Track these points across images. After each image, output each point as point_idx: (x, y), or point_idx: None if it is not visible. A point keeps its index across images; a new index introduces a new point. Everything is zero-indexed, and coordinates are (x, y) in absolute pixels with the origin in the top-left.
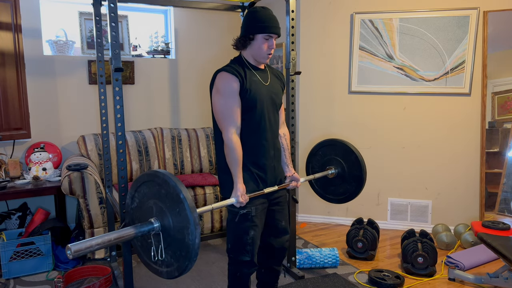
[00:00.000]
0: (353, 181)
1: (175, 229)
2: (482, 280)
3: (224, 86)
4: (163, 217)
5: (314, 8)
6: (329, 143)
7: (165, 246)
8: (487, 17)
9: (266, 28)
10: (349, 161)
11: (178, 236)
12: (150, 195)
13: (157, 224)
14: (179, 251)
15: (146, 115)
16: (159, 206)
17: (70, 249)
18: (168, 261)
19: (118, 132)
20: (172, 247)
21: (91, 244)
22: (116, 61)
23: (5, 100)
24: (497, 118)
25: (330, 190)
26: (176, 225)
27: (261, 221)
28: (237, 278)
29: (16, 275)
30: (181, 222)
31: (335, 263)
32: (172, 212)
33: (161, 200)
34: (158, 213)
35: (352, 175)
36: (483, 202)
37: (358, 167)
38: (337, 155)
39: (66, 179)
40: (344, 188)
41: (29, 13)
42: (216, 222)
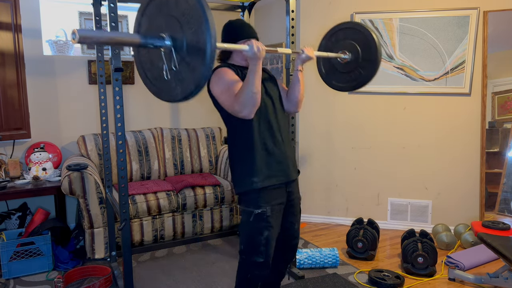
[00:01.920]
0: (366, 65)
1: (188, 38)
2: (482, 280)
3: (226, 76)
4: (175, 28)
5: (314, 8)
6: (346, 26)
7: (178, 60)
8: (487, 17)
9: (242, 34)
10: (365, 45)
11: (191, 43)
12: (158, 12)
13: (168, 36)
14: (194, 60)
15: (146, 115)
16: (169, 19)
17: (75, 32)
18: (183, 75)
19: (118, 132)
20: (186, 60)
21: (101, 35)
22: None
23: (5, 100)
24: (497, 118)
25: (338, 77)
26: (189, 32)
27: (277, 222)
28: (247, 279)
29: (16, 275)
30: (194, 26)
31: (335, 263)
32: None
33: (170, 12)
34: (169, 26)
35: (366, 58)
36: (483, 202)
37: (374, 50)
38: (353, 39)
39: (66, 179)
40: (356, 74)
41: (29, 13)
42: (216, 222)
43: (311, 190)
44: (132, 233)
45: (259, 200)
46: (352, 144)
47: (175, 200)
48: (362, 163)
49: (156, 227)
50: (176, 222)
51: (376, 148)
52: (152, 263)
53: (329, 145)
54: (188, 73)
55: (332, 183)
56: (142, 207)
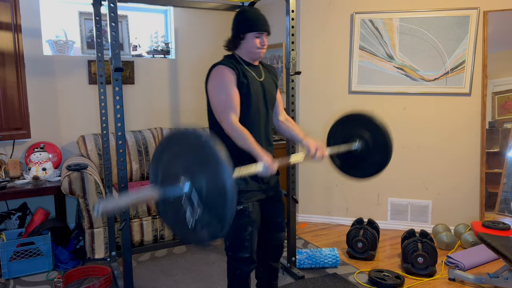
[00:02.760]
0: (380, 150)
1: (207, 180)
2: (482, 280)
3: (222, 77)
4: (191, 174)
5: (314, 8)
6: (347, 119)
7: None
8: (487, 17)
9: (256, 26)
10: (372, 130)
11: (211, 185)
12: (174, 159)
13: (187, 183)
14: (216, 201)
15: (146, 115)
16: (184, 165)
17: (99, 205)
18: (207, 219)
19: (118, 132)
20: (208, 203)
21: (120, 203)
22: (116, 61)
23: (5, 100)
24: (497, 118)
25: (356, 165)
26: (207, 175)
27: (258, 217)
28: (237, 275)
29: (16, 275)
30: (210, 168)
31: (335, 263)
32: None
33: (184, 158)
34: (185, 172)
35: (377, 144)
36: (483, 202)
37: (383, 135)
38: (361, 128)
39: (66, 179)
40: (372, 161)
41: (29, 13)
42: None
43: (311, 190)
44: (132, 233)
45: (240, 197)
46: None
47: None
48: None
49: (156, 227)
50: None
51: None
52: (152, 263)
53: None
54: (212, 216)
55: (332, 183)
56: (142, 207)
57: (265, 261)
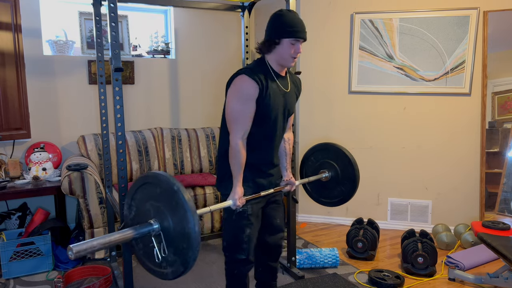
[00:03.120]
0: (347, 182)
1: (175, 224)
2: (482, 280)
3: (243, 90)
4: (162, 216)
5: (314, 8)
6: (320, 147)
7: (166, 244)
8: (487, 17)
9: (294, 33)
10: (342, 163)
11: (178, 229)
12: (146, 199)
13: (156, 224)
14: (181, 244)
15: (146, 115)
16: (156, 206)
17: (71, 249)
18: (172, 259)
19: (118, 132)
20: (174, 244)
21: (93, 245)
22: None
23: (5, 100)
24: (497, 118)
25: (324, 194)
26: (175, 220)
27: (257, 219)
28: (234, 275)
29: (16, 275)
30: (178, 214)
31: (335, 263)
32: (168, 207)
33: (156, 200)
34: (156, 213)
35: (345, 176)
36: (483, 202)
37: (351, 168)
38: (329, 158)
39: (66, 179)
40: (339, 191)
41: (29, 13)
42: (216, 222)
43: None
44: None
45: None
46: (352, 144)
47: None
48: (362, 163)
49: None
50: None
51: (376, 148)
52: None
53: None
54: (176, 256)
55: None
56: None
57: (264, 261)
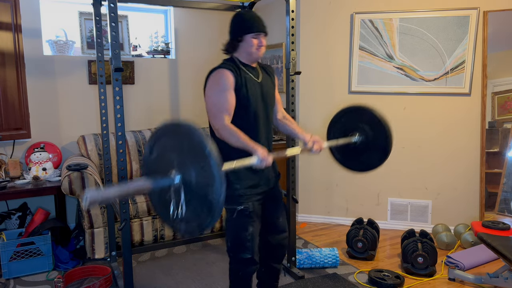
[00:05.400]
0: (378, 151)
1: (198, 185)
2: (482, 280)
3: (220, 80)
4: (185, 171)
5: (314, 8)
6: (354, 109)
7: (185, 202)
8: (487, 17)
9: (253, 28)
10: (376, 130)
11: (201, 192)
12: (171, 147)
13: (178, 178)
14: (201, 208)
15: (146, 115)
16: (181, 159)
17: (87, 196)
18: (188, 217)
19: (118, 132)
20: (193, 203)
21: (109, 194)
22: (116, 61)
23: (5, 100)
24: (497, 118)
25: (350, 157)
26: (199, 181)
27: (258, 217)
28: (239, 277)
29: (16, 275)
30: (204, 178)
31: (335, 263)
32: (195, 167)
33: (183, 153)
34: (179, 166)
35: (377, 144)
36: (483, 202)
37: (386, 136)
38: (362, 122)
39: (66, 179)
40: (366, 157)
41: (29, 13)
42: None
43: (311, 190)
44: (132, 233)
45: (241, 198)
46: None
47: None
48: None
49: (156, 227)
50: None
51: None
52: (152, 263)
53: None
54: (194, 217)
55: (332, 183)
56: (142, 207)
57: (267, 262)
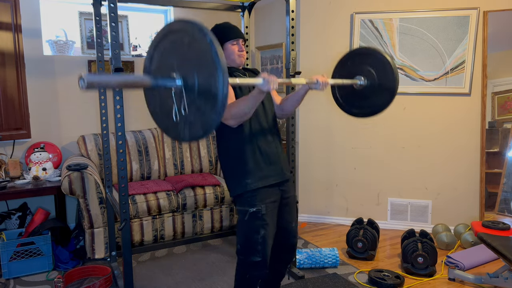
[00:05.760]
0: (383, 93)
1: (200, 82)
2: (482, 280)
3: None
4: (186, 71)
5: (314, 8)
6: (360, 52)
7: (188, 103)
8: (487, 17)
9: (230, 35)
10: (381, 70)
11: (203, 88)
12: (171, 50)
13: (179, 79)
14: (205, 106)
15: (146, 115)
16: (181, 59)
17: (83, 78)
18: (191, 119)
19: (118, 132)
20: (196, 104)
21: (108, 80)
22: (116, 61)
23: (5, 100)
24: (497, 118)
25: (356, 104)
26: (202, 76)
27: (272, 220)
28: (246, 279)
29: (16, 275)
30: (207, 70)
31: (335, 263)
32: (196, 61)
33: (183, 52)
34: (180, 67)
35: (383, 85)
36: (483, 202)
37: (391, 76)
38: (368, 64)
39: (66, 179)
40: (372, 101)
41: (29, 13)
42: (216, 222)
43: (311, 190)
44: (132, 233)
45: (254, 199)
46: (352, 144)
47: (175, 200)
48: (362, 163)
49: (156, 227)
50: (176, 222)
51: (376, 148)
52: (152, 263)
53: (329, 145)
54: (197, 117)
55: (332, 183)
56: (142, 207)
57: (274, 263)
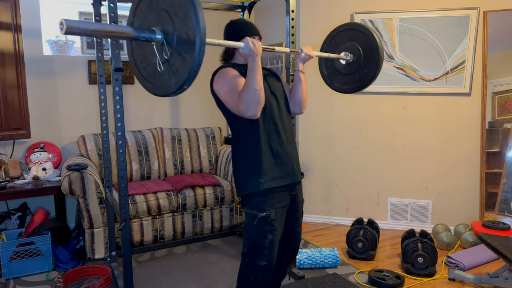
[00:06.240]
0: (368, 65)
1: (178, 26)
2: (482, 280)
3: (227, 74)
4: (164, 23)
5: (314, 8)
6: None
7: (170, 52)
8: (487, 17)
9: (248, 31)
10: (364, 44)
11: (181, 30)
12: (149, 8)
13: (159, 33)
14: (184, 48)
15: (146, 115)
16: (158, 13)
17: (63, 22)
18: (175, 66)
19: (118, 132)
20: (177, 50)
21: (88, 26)
22: (116, 61)
23: (5, 100)
24: (497, 118)
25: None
26: (178, 20)
27: (280, 225)
28: (249, 282)
29: (16, 275)
30: (182, 12)
31: (335, 263)
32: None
33: (159, 5)
34: (159, 21)
35: (367, 58)
36: (483, 202)
37: (375, 49)
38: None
39: (66, 179)
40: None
41: (29, 13)
42: (216, 222)
43: (311, 190)
44: (132, 233)
45: (264, 203)
46: (352, 144)
47: (175, 200)
48: (362, 163)
49: (156, 227)
50: (176, 222)
51: (376, 148)
52: (152, 263)
53: (329, 145)
54: (180, 62)
55: (332, 183)
56: (142, 207)
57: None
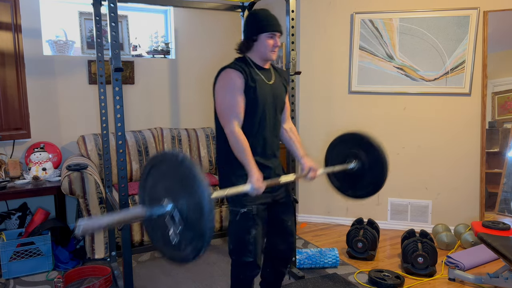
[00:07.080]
0: (375, 167)
1: (187, 199)
2: (482, 280)
3: (229, 81)
4: (173, 194)
5: (314, 8)
6: (343, 138)
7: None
8: (487, 17)
9: (268, 27)
10: (365, 148)
11: (191, 202)
12: (156, 182)
13: (169, 204)
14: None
15: (146, 115)
16: (165, 185)
17: (80, 226)
18: (189, 236)
19: (118, 132)
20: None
21: (102, 223)
22: (116, 61)
23: (5, 100)
24: (497, 118)
25: (353, 186)
26: (186, 193)
27: (262, 220)
28: (240, 280)
29: (16, 275)
30: (188, 186)
31: (335, 263)
32: (178, 182)
33: (165, 178)
34: (167, 193)
35: (372, 161)
36: (483, 202)
37: (378, 153)
38: (353, 148)
39: (66, 179)
40: (369, 178)
41: (29, 13)
42: (216, 222)
43: (311, 190)
44: (132, 233)
45: (244, 200)
46: None
47: None
48: None
49: None
50: None
51: None
52: (152, 263)
53: None
54: (192, 231)
55: None
56: None
57: (273, 264)
